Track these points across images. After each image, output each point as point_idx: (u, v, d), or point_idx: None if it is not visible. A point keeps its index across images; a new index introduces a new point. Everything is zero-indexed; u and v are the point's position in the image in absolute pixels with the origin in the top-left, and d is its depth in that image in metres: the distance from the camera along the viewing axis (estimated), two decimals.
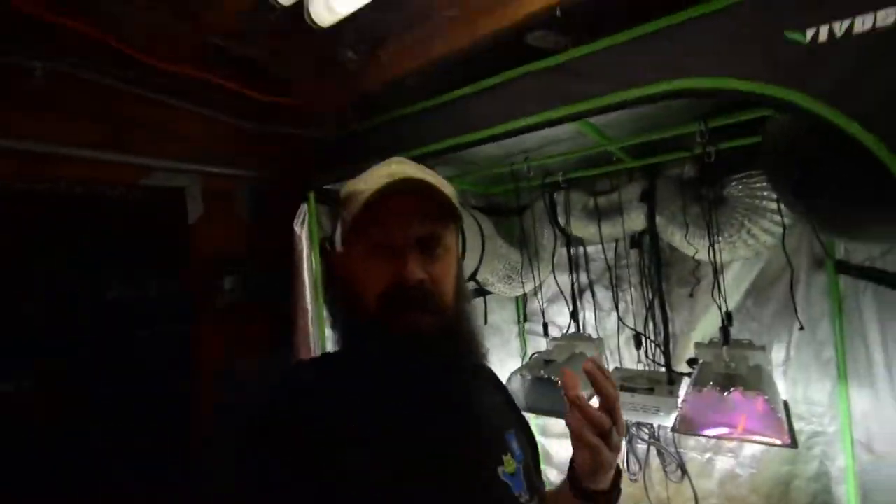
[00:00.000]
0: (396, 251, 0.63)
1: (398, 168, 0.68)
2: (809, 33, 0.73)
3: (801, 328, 1.57)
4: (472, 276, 1.76)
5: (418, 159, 0.75)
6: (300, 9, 0.99)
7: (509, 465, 0.69)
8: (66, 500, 2.12)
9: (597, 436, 0.62)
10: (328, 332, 1.41)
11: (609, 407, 0.62)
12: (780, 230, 1.60)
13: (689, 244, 1.76)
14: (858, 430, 1.52)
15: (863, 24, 0.69)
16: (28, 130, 0.99)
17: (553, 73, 0.99)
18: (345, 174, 1.41)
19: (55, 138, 1.04)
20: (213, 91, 1.31)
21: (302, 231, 1.36)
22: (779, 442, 1.15)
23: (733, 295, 1.83)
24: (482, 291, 2.17)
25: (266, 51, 1.29)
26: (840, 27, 0.70)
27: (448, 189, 0.67)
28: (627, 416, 1.81)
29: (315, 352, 1.29)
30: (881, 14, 0.68)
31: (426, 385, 0.63)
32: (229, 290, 1.32)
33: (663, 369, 1.93)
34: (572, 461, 0.70)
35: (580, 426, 0.62)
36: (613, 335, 2.19)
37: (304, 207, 1.39)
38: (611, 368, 1.96)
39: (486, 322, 1.94)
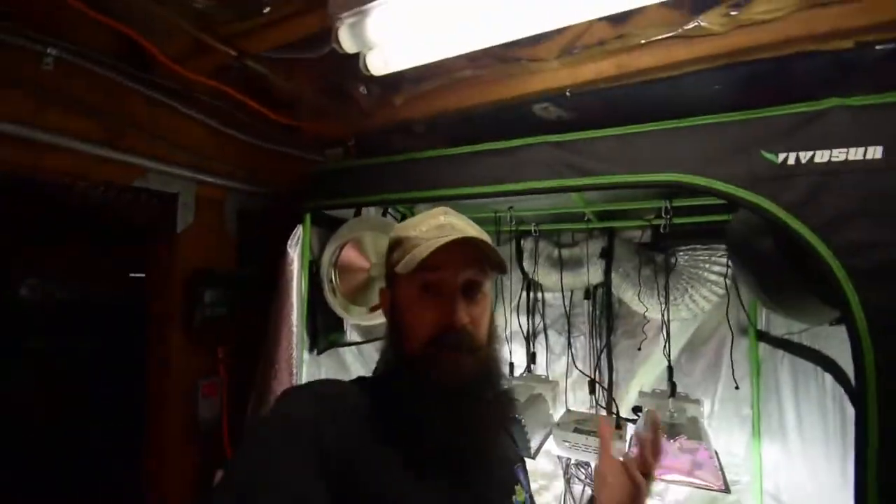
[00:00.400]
0: (445, 295, 0.69)
1: (448, 220, 0.75)
2: (781, 156, 0.91)
3: (737, 388, 1.80)
4: None
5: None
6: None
7: (520, 494, 0.75)
8: None
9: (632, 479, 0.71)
10: (305, 355, 1.40)
11: (647, 461, 0.73)
12: (716, 298, 1.84)
13: (640, 301, 1.97)
14: (768, 482, 1.75)
15: (822, 156, 0.88)
16: (31, 118, 0.92)
17: (563, 148, 1.11)
18: (347, 203, 1.44)
19: (57, 129, 0.97)
20: (218, 100, 1.29)
21: (294, 252, 1.35)
22: (716, 487, 1.30)
23: (671, 351, 2.05)
24: None
25: (277, 70, 1.30)
26: (804, 156, 0.89)
27: (494, 246, 0.73)
28: (579, 456, 1.93)
29: (296, 374, 1.26)
30: (835, 152, 0.87)
31: (460, 418, 0.66)
32: (210, 304, 1.26)
33: (606, 413, 2.09)
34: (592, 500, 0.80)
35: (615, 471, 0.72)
36: (562, 377, 2.33)
37: (298, 229, 1.38)
38: (562, 410, 2.08)
39: None
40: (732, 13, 1.07)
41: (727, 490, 1.31)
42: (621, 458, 0.77)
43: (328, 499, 0.56)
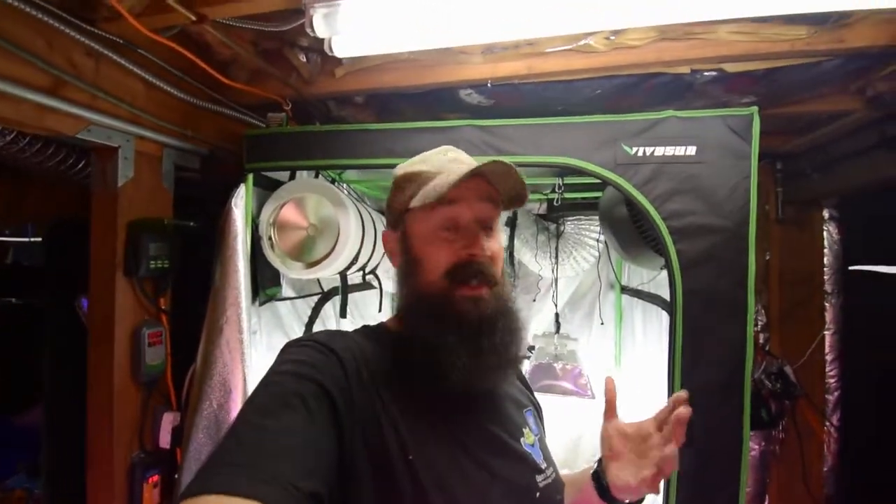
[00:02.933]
0: (462, 229, 0.68)
1: (456, 155, 0.74)
2: (634, 149, 1.28)
3: (602, 323, 2.30)
4: (373, 271, 2.02)
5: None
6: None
7: (529, 437, 0.74)
8: None
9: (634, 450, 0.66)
10: (251, 307, 1.51)
11: (662, 420, 0.66)
12: (593, 259, 2.32)
13: (536, 262, 2.38)
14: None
15: (659, 151, 1.26)
16: None
17: (485, 131, 1.37)
18: (285, 166, 1.55)
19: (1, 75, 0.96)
20: (158, 55, 1.31)
21: (238, 209, 1.44)
22: (587, 395, 1.75)
23: (559, 302, 2.52)
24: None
25: (217, 30, 1.34)
26: (649, 150, 1.27)
27: (523, 176, 0.70)
28: None
29: (244, 321, 1.38)
30: (667, 148, 1.26)
31: (479, 357, 0.66)
32: (153, 257, 1.31)
33: None
34: (601, 462, 0.73)
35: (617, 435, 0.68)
36: None
37: (241, 188, 1.47)
38: None
39: (380, 310, 2.21)
40: (612, 37, 1.40)
41: (593, 396, 1.77)
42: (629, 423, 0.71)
43: (336, 449, 0.55)
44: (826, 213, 1.94)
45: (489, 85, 1.49)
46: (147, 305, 1.38)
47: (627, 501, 0.70)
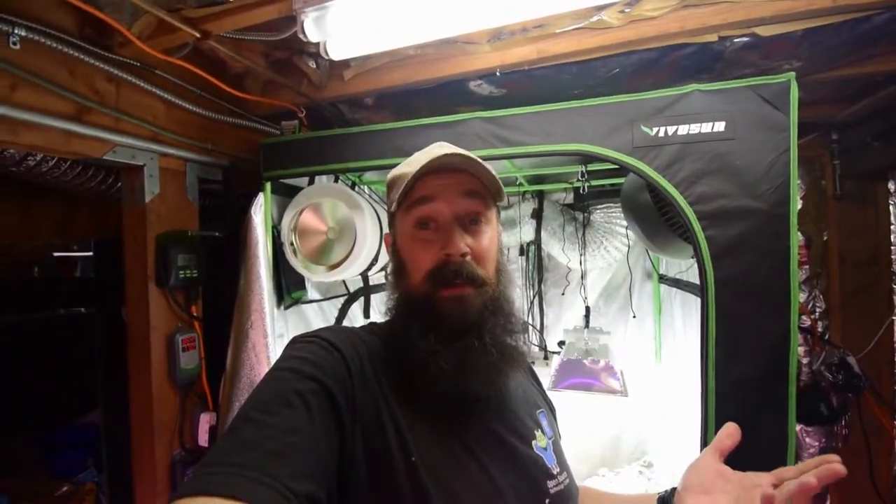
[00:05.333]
0: (440, 227, 0.66)
1: (439, 150, 0.69)
2: (654, 130, 1.19)
3: (634, 316, 2.18)
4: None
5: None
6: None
7: (541, 439, 0.71)
8: None
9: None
10: (275, 310, 1.56)
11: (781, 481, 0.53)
12: (626, 249, 2.20)
13: (565, 254, 2.29)
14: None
15: (683, 130, 1.16)
16: (7, 96, 0.97)
17: (493, 123, 1.33)
18: (301, 173, 1.57)
19: (29, 106, 1.03)
20: (175, 76, 1.37)
21: (258, 217, 1.48)
22: (619, 393, 1.66)
23: (590, 295, 2.42)
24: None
25: (229, 46, 1.38)
26: (671, 129, 1.17)
27: (488, 166, 0.68)
28: None
29: (268, 325, 1.43)
30: (692, 126, 1.16)
31: (467, 358, 0.64)
32: (182, 267, 1.38)
33: (538, 349, 2.45)
34: (674, 491, 0.64)
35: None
36: None
37: (260, 197, 1.51)
38: None
39: None
40: (626, 10, 1.31)
41: (626, 394, 1.68)
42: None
43: (336, 444, 0.54)
44: (891, 186, 1.73)
45: (498, 73, 1.44)
46: (179, 313, 1.45)
47: None
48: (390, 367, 0.64)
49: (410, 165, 0.70)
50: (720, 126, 1.16)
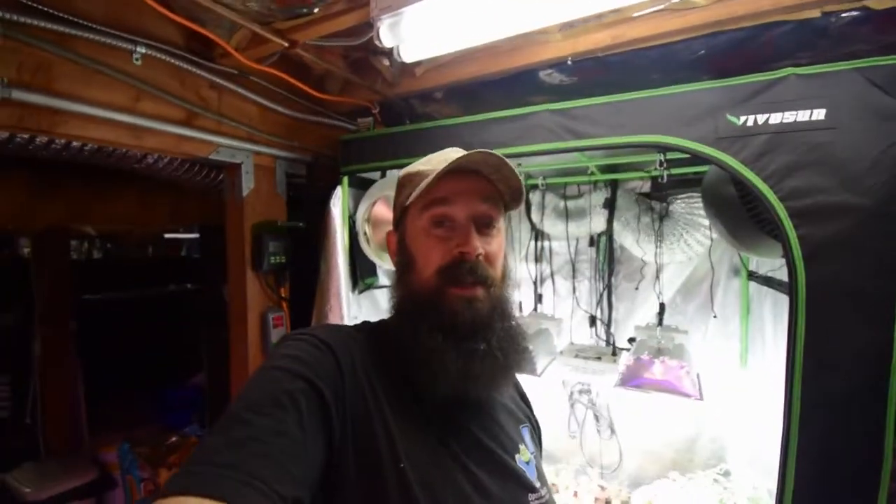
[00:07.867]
0: (457, 227, 0.66)
1: (455, 153, 0.69)
2: (742, 118, 1.10)
3: (715, 316, 2.04)
4: None
5: None
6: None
7: (524, 453, 0.70)
8: None
9: None
10: (350, 294, 1.68)
11: None
12: (709, 242, 2.05)
13: (639, 247, 2.19)
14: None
15: (775, 118, 1.06)
16: (131, 106, 1.16)
17: (562, 115, 1.30)
18: (376, 167, 1.66)
19: (149, 114, 1.21)
20: (266, 79, 1.50)
21: (336, 209, 1.60)
22: (692, 397, 1.58)
23: (667, 291, 2.28)
24: None
25: (311, 51, 1.48)
26: (762, 118, 1.08)
27: (515, 170, 0.68)
28: (579, 378, 2.25)
29: (345, 308, 1.55)
30: (786, 114, 1.06)
31: (473, 361, 0.63)
32: (273, 253, 1.54)
33: (606, 345, 2.38)
34: None
35: None
36: (568, 317, 2.61)
37: (338, 190, 1.63)
38: (566, 343, 2.37)
39: None
40: None
41: (701, 398, 1.59)
42: None
43: (324, 446, 0.54)
44: None
45: (569, 62, 1.41)
46: (270, 294, 1.63)
47: None
48: (383, 367, 0.64)
49: (426, 165, 0.71)
50: (819, 114, 1.04)
